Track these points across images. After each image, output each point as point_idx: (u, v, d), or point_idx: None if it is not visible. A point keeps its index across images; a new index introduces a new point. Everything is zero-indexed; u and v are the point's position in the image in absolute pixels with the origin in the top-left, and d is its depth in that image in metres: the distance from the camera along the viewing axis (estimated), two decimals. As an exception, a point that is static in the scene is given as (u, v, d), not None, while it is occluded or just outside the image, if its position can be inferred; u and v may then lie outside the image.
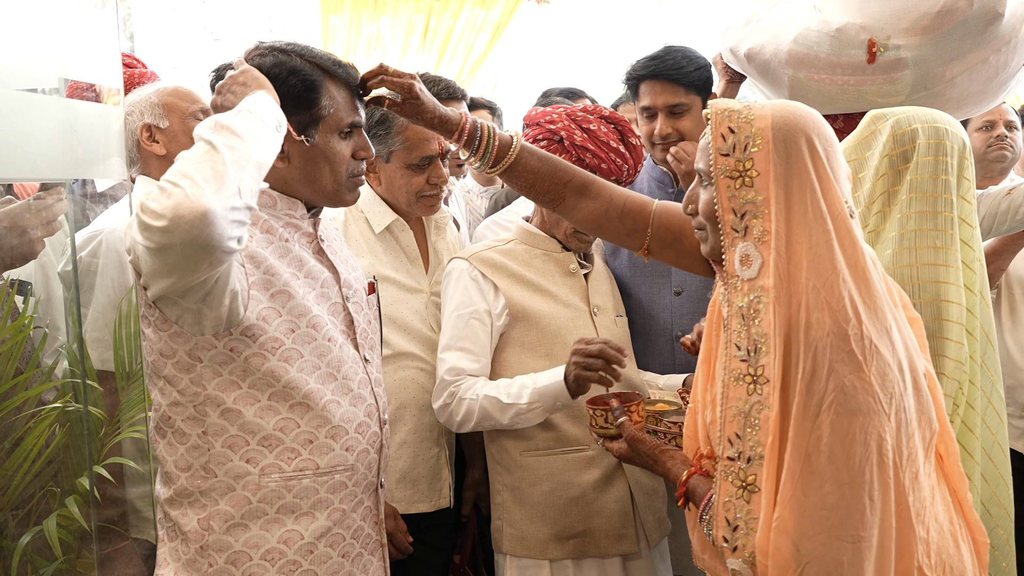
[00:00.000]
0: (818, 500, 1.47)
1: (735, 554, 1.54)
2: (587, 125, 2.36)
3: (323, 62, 1.82)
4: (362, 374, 1.88)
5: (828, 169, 1.57)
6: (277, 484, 1.74)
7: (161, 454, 1.77)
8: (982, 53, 2.43)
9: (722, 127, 1.60)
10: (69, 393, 1.97)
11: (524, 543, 2.33)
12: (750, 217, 1.57)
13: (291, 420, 1.75)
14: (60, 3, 1.71)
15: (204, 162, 1.47)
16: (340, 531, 1.83)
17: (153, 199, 1.42)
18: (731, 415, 1.58)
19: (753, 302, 1.56)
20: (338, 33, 6.54)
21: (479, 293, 2.33)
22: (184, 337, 1.68)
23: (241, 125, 1.55)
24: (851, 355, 1.47)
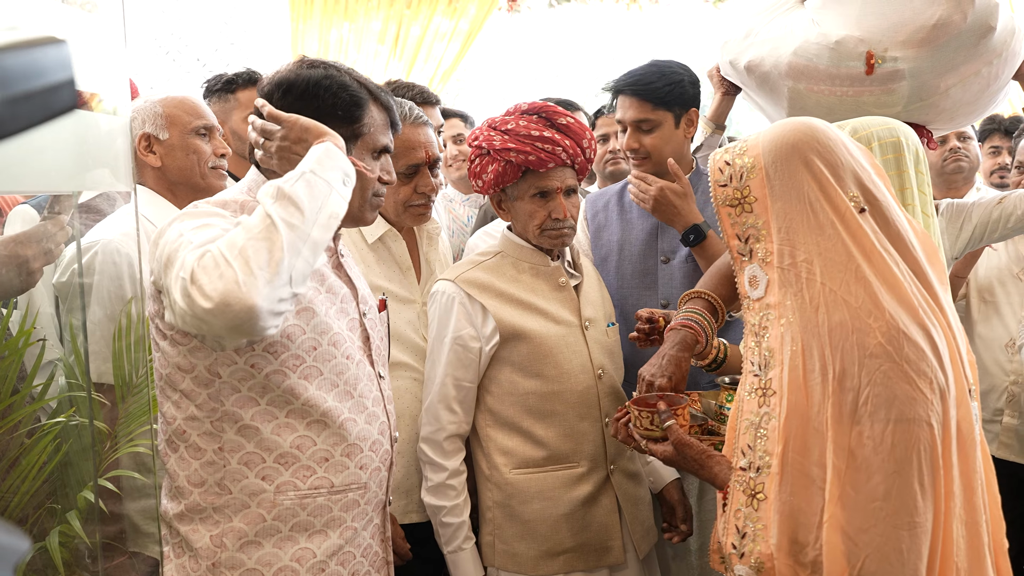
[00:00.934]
0: (868, 493, 1.50)
1: (742, 560, 1.58)
2: (505, 126, 2.33)
3: (367, 82, 1.84)
4: (376, 391, 1.89)
5: (826, 173, 1.62)
6: (292, 502, 1.73)
7: (172, 468, 1.75)
8: (975, 65, 2.50)
9: (719, 162, 1.70)
10: (72, 408, 1.93)
11: (515, 559, 2.33)
12: (753, 240, 1.65)
13: (308, 438, 1.74)
14: (67, 13, 1.69)
15: (261, 243, 1.46)
16: (351, 549, 1.83)
17: (206, 271, 1.42)
18: (744, 427, 1.63)
19: (762, 320, 1.63)
20: (307, 40, 6.50)
21: (467, 318, 2.31)
22: (204, 352, 1.67)
23: (303, 195, 1.53)
24: (881, 348, 1.51)
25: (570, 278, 2.44)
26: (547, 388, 2.31)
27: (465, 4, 6.44)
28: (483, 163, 2.34)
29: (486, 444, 2.37)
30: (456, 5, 6.45)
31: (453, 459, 2.35)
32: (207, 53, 6.34)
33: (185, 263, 1.46)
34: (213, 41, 6.46)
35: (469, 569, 2.33)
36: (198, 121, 2.54)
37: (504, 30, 7.12)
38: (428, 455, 2.35)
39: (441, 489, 2.33)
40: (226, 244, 1.46)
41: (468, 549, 2.33)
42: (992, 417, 3.38)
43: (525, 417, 2.32)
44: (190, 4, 6.49)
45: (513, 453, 2.33)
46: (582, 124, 2.38)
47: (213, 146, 2.56)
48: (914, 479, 1.49)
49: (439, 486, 2.33)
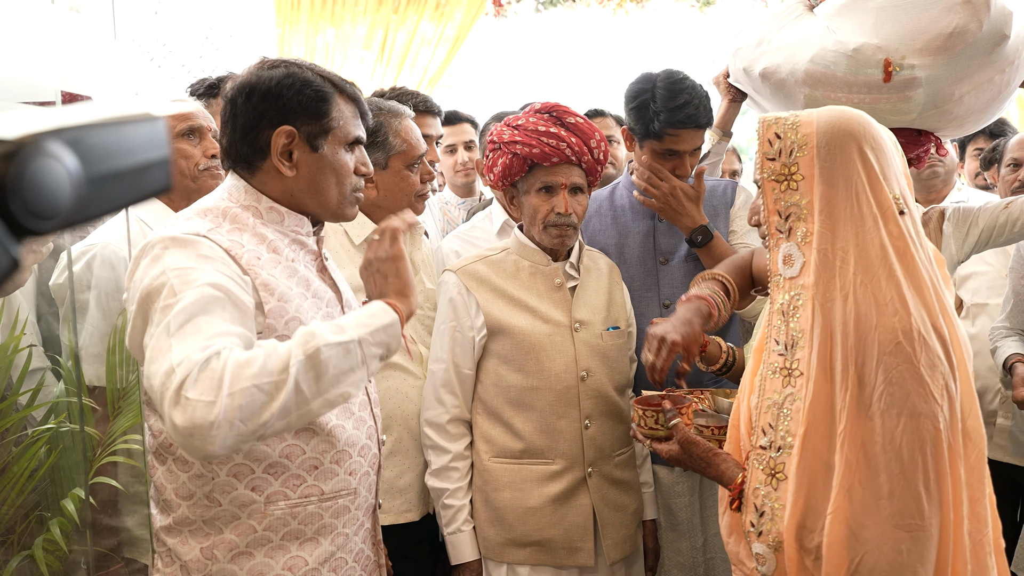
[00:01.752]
0: (874, 490, 1.50)
1: (760, 539, 1.59)
2: (516, 122, 2.41)
3: (331, 76, 1.82)
4: (363, 395, 1.87)
5: (877, 168, 1.62)
6: (283, 511, 1.71)
7: (160, 481, 1.72)
8: (988, 73, 2.51)
9: (768, 133, 1.66)
10: (64, 414, 1.91)
11: (485, 543, 2.39)
12: (794, 219, 1.63)
13: (297, 446, 1.72)
14: (59, 18, 1.67)
15: (262, 394, 1.43)
16: (343, 555, 1.81)
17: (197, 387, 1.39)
18: (766, 406, 1.63)
19: (793, 299, 1.62)
20: (293, 45, 6.48)
21: (464, 308, 2.38)
22: None
23: (334, 366, 1.50)
24: (899, 347, 1.51)
25: (569, 280, 2.45)
26: (527, 383, 2.35)
27: (452, 9, 6.44)
28: (494, 157, 2.42)
29: (474, 431, 2.43)
30: (443, 10, 6.45)
31: (457, 443, 2.40)
32: (192, 59, 6.31)
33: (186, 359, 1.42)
34: (198, 47, 6.43)
35: (466, 551, 2.39)
36: (183, 124, 2.50)
37: (491, 35, 7.12)
38: (432, 438, 2.41)
39: (444, 472, 2.39)
40: (234, 370, 1.42)
41: (466, 532, 2.39)
42: (986, 419, 3.38)
43: (507, 408, 2.37)
44: (176, 10, 6.46)
45: (494, 442, 2.39)
46: (592, 125, 2.41)
47: (203, 147, 2.53)
48: (919, 481, 1.50)
49: (442, 469, 2.39)
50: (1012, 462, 3.32)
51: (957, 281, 3.53)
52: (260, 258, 1.68)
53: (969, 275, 3.49)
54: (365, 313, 1.60)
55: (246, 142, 1.74)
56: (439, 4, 6.43)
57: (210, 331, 1.47)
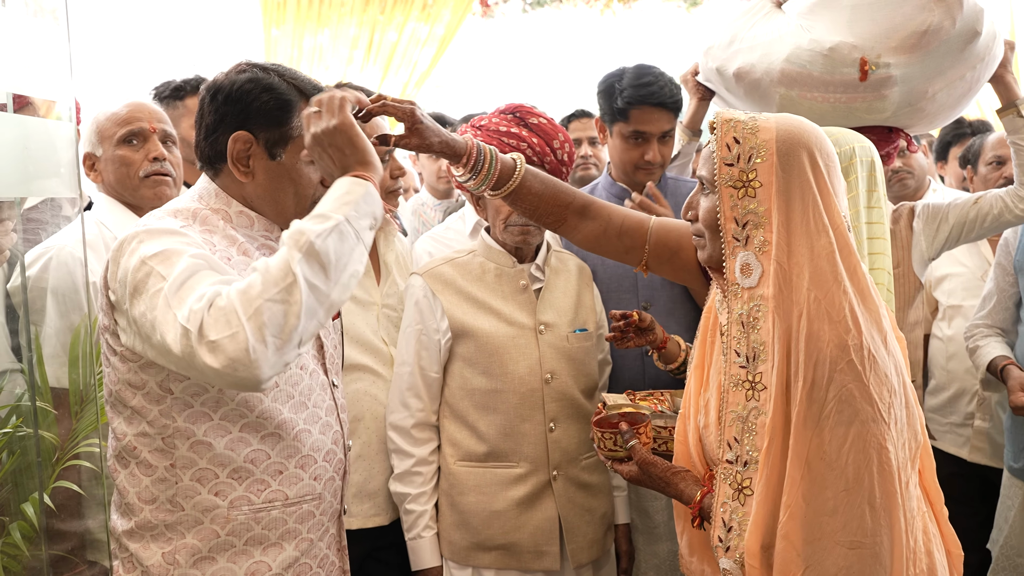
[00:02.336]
0: (818, 506, 1.50)
1: (727, 554, 1.58)
2: (479, 123, 2.42)
3: (301, 84, 1.77)
4: (329, 400, 1.86)
5: (828, 183, 1.60)
6: (246, 516, 1.70)
7: (122, 485, 1.71)
8: (961, 70, 2.51)
9: (727, 137, 1.63)
10: (19, 419, 1.90)
11: (451, 547, 2.38)
12: (751, 227, 1.60)
13: (262, 451, 1.71)
14: (9, 17, 1.66)
15: (279, 305, 1.41)
16: (307, 560, 1.80)
17: (215, 326, 1.39)
18: (730, 419, 1.61)
19: (752, 310, 1.59)
20: (280, 46, 6.48)
21: (429, 311, 2.38)
22: (156, 368, 1.62)
23: (333, 252, 1.48)
24: (850, 365, 1.50)
25: (535, 282, 2.44)
26: (491, 386, 2.34)
27: (439, 10, 6.45)
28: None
29: (441, 434, 2.42)
30: (430, 11, 6.45)
31: (421, 447, 2.39)
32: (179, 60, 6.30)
33: (188, 309, 1.42)
34: (185, 48, 6.42)
35: (426, 557, 2.37)
36: (122, 129, 2.44)
37: (478, 36, 7.12)
38: (396, 442, 2.40)
39: (407, 476, 2.38)
40: (240, 298, 1.42)
41: (427, 538, 2.37)
42: (963, 421, 3.39)
43: (472, 411, 2.36)
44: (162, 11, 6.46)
45: (459, 445, 2.38)
46: (555, 126, 2.41)
47: (145, 151, 2.46)
48: (863, 499, 1.49)
49: (405, 473, 2.38)
50: (990, 464, 3.32)
51: (932, 283, 3.53)
52: (230, 259, 1.67)
53: (944, 276, 3.48)
54: (339, 193, 1.55)
55: (209, 143, 1.73)
56: (426, 4, 6.44)
57: (203, 286, 1.47)
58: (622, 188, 2.81)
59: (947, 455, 3.45)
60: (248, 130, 1.70)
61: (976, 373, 3.32)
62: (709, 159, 1.67)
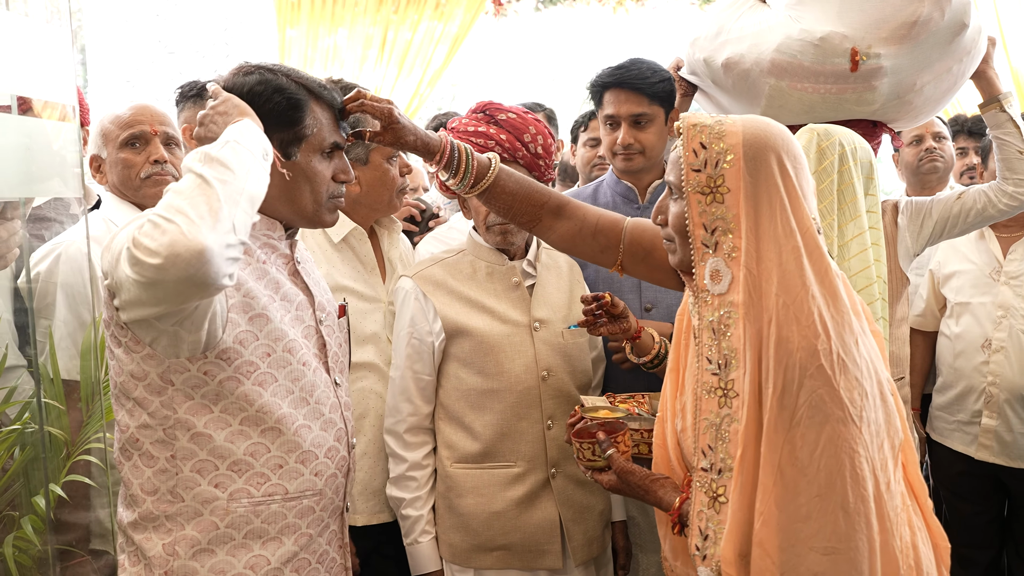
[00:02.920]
0: (791, 512, 1.49)
1: (704, 563, 1.57)
2: (452, 125, 2.42)
3: (308, 83, 1.81)
4: (333, 398, 1.88)
5: (797, 186, 1.59)
6: (245, 509, 1.73)
7: (126, 476, 1.74)
8: (948, 63, 2.51)
9: (693, 142, 1.62)
10: (27, 415, 1.93)
11: (452, 549, 2.37)
12: (720, 233, 1.59)
13: (262, 445, 1.73)
14: (13, 20, 1.69)
15: (198, 196, 1.45)
16: (306, 556, 1.82)
17: (146, 235, 1.41)
18: (704, 427, 1.60)
19: (723, 317, 1.58)
20: (295, 45, 6.51)
21: (421, 313, 2.36)
22: (157, 359, 1.65)
23: (231, 157, 1.53)
24: (820, 369, 1.50)
25: (527, 278, 2.44)
26: (487, 385, 2.33)
27: (452, 8, 6.46)
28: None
29: (437, 437, 2.42)
30: (443, 9, 6.46)
31: (415, 451, 2.38)
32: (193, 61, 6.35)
33: (127, 237, 1.45)
34: (200, 49, 6.47)
35: (424, 561, 2.37)
36: (125, 132, 2.51)
37: (491, 34, 7.12)
38: (390, 447, 2.40)
39: (401, 481, 2.38)
40: (162, 207, 1.45)
41: (424, 543, 2.37)
42: (971, 419, 3.37)
43: (468, 412, 2.35)
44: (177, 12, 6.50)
45: (455, 447, 2.37)
46: (526, 120, 2.40)
47: (147, 153, 2.53)
48: (836, 504, 1.48)
49: (399, 477, 2.39)
50: (998, 462, 3.31)
51: (940, 280, 3.51)
52: None
53: (953, 274, 3.47)
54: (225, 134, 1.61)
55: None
56: (439, 4, 6.45)
57: None
58: (626, 186, 2.81)
59: (955, 453, 3.43)
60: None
61: (983, 371, 3.30)
62: (676, 164, 1.66)
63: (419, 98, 6.56)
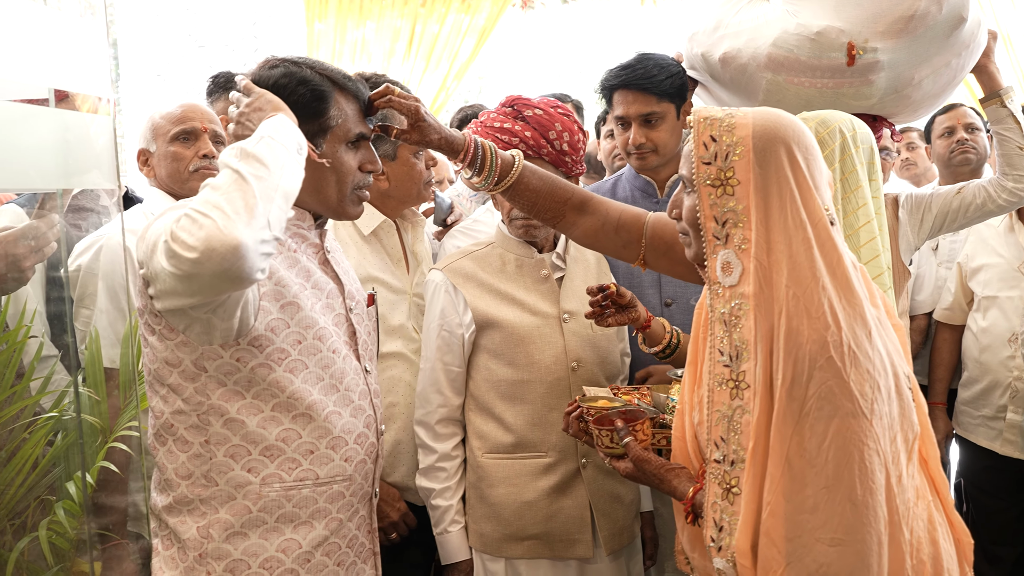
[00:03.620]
0: (798, 503, 1.49)
1: (720, 554, 1.57)
2: (481, 119, 2.43)
3: (333, 74, 1.84)
4: (362, 385, 1.91)
5: (808, 177, 1.59)
6: (277, 494, 1.76)
7: (161, 461, 1.78)
8: (946, 57, 2.49)
9: (704, 135, 1.62)
10: (66, 402, 1.98)
11: (483, 539, 2.40)
12: (731, 225, 1.59)
13: (293, 431, 1.77)
14: (50, 14, 1.73)
15: (234, 192, 1.48)
16: (336, 540, 1.85)
17: (184, 229, 1.44)
18: (716, 419, 1.61)
19: (734, 309, 1.59)
20: (323, 39, 6.55)
21: (452, 306, 2.40)
22: (191, 347, 1.69)
23: (266, 153, 1.56)
24: (830, 361, 1.49)
25: (556, 271, 2.45)
26: (518, 376, 2.36)
27: (479, 1, 6.47)
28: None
29: (468, 428, 2.44)
30: (470, 2, 6.47)
31: (445, 442, 2.42)
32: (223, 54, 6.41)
33: (164, 229, 1.48)
34: (229, 42, 6.53)
35: (455, 551, 2.41)
36: (176, 127, 2.58)
37: (519, 27, 7.12)
38: (420, 438, 2.43)
39: (431, 471, 2.42)
40: (199, 202, 1.48)
41: (454, 532, 2.40)
42: (995, 414, 3.34)
43: (498, 403, 2.38)
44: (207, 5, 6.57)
45: (486, 438, 2.39)
46: (552, 116, 2.40)
47: (196, 148, 2.60)
48: (844, 496, 1.48)
49: (429, 468, 2.42)
50: (1022, 458, 3.28)
51: (968, 273, 3.49)
52: None
53: (980, 267, 3.43)
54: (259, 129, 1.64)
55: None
56: (466, -4, 6.47)
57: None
58: (645, 180, 2.82)
59: (980, 448, 3.40)
60: None
61: (1008, 365, 3.27)
62: (688, 158, 1.67)
63: (446, 91, 6.58)
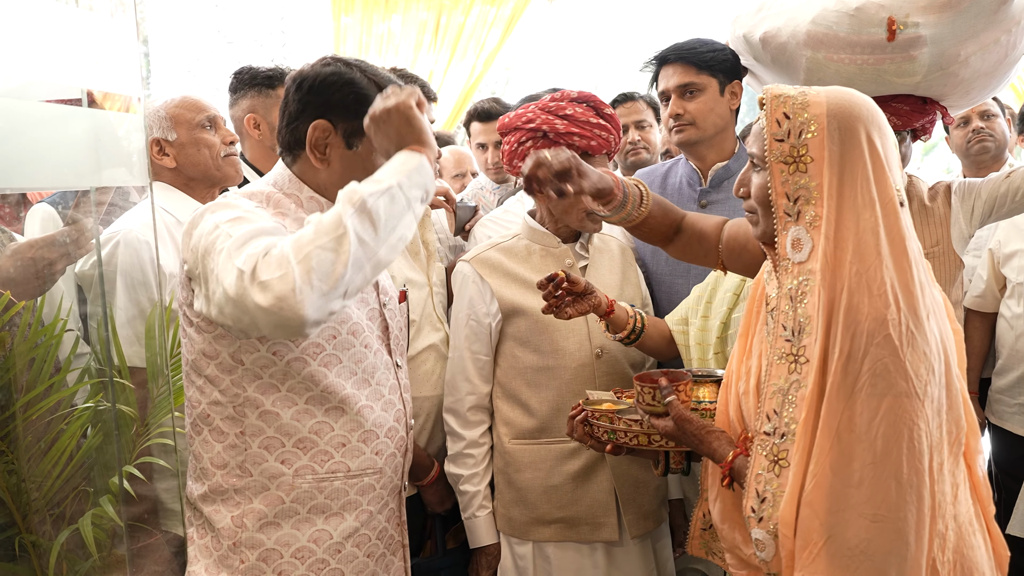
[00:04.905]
0: (844, 477, 1.50)
1: (760, 524, 1.58)
2: (563, 112, 2.40)
3: (381, 80, 1.86)
4: (393, 380, 1.95)
5: (882, 155, 1.60)
6: (310, 485, 1.80)
7: (196, 450, 1.82)
8: (994, 33, 2.43)
9: (777, 112, 1.63)
10: (100, 393, 2.02)
11: (510, 523, 2.45)
12: (803, 202, 1.60)
13: (326, 423, 1.80)
14: (82, 16, 1.76)
15: (328, 253, 1.48)
16: (367, 532, 1.89)
17: (267, 267, 1.46)
18: (771, 391, 1.62)
19: (801, 284, 1.60)
20: (350, 33, 6.59)
21: (479, 296, 2.45)
22: (228, 339, 1.73)
23: (383, 212, 1.55)
24: (887, 339, 1.50)
25: (580, 260, 2.49)
26: (543, 363, 2.40)
27: (504, -7, 6.48)
28: (536, 146, 2.39)
29: (495, 414, 2.49)
30: (495, -5, 6.49)
31: (473, 429, 2.47)
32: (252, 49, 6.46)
33: (246, 255, 1.50)
34: (258, 38, 6.59)
35: (482, 535, 2.47)
36: (201, 115, 2.61)
37: (544, 17, 7.12)
38: (449, 425, 2.49)
39: (459, 458, 2.47)
40: (293, 245, 1.49)
41: (482, 517, 2.46)
42: None
43: (524, 389, 2.42)
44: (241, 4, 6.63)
45: (512, 423, 2.44)
46: (615, 115, 2.47)
47: (220, 136, 2.64)
48: (890, 474, 1.48)
49: (457, 455, 2.47)
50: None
51: (1001, 259, 3.44)
52: None
53: (1014, 252, 3.38)
54: (395, 163, 1.63)
55: (290, 130, 1.83)
56: (492, -12, 6.48)
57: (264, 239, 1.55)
58: (691, 168, 2.82)
59: (1015, 436, 3.37)
60: (328, 119, 1.79)
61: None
62: (759, 135, 1.67)
63: (473, 82, 6.60)
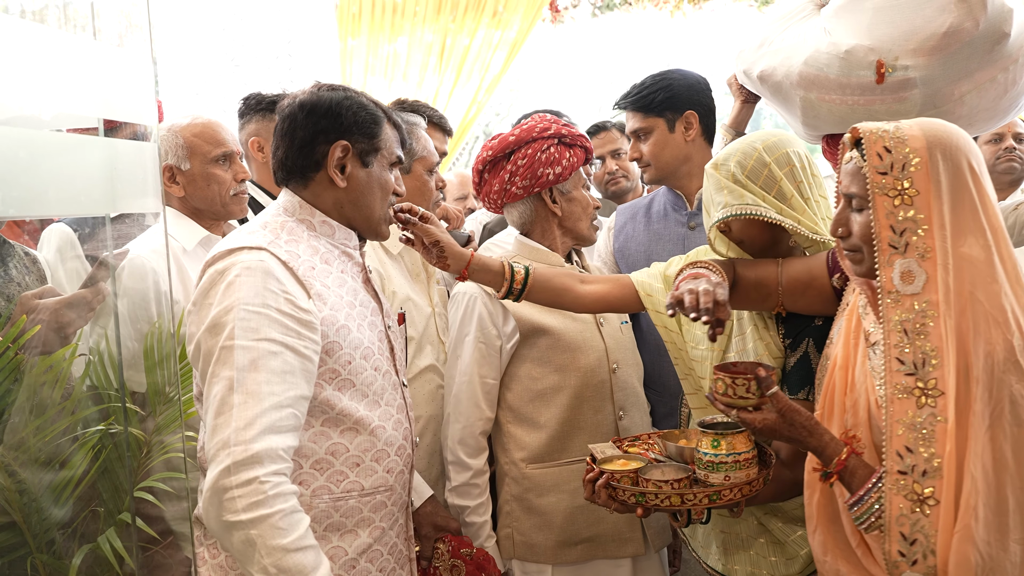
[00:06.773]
0: (995, 506, 1.52)
1: (914, 568, 1.57)
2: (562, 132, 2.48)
3: (380, 104, 2.00)
4: (400, 399, 1.99)
5: (984, 183, 1.63)
6: (326, 504, 1.84)
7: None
8: (990, 72, 2.48)
9: (877, 147, 1.65)
10: (111, 417, 2.05)
11: (533, 550, 2.42)
12: (910, 234, 1.62)
13: (341, 444, 1.85)
14: (99, 48, 1.81)
15: (266, 551, 1.62)
16: (379, 547, 1.93)
17: (238, 496, 1.62)
18: (899, 429, 1.61)
19: (919, 315, 1.60)
20: (356, 55, 6.65)
21: (490, 317, 2.41)
22: None
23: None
24: (1017, 365, 1.53)
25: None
26: (564, 381, 2.39)
27: (509, 16, 6.53)
28: (559, 150, 2.44)
29: (506, 440, 2.45)
30: (500, 17, 6.54)
31: (479, 458, 2.44)
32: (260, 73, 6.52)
33: (245, 446, 1.63)
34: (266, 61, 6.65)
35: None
36: (218, 150, 2.61)
37: (549, 40, 7.17)
38: (456, 455, 2.43)
39: (465, 489, 2.42)
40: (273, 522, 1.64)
41: (490, 546, 2.42)
42: None
43: (541, 411, 2.40)
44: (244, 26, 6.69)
45: (528, 447, 2.42)
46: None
47: (233, 172, 2.65)
48: None
49: (463, 486, 2.42)
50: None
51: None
52: (314, 268, 1.84)
53: None
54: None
55: (302, 155, 1.90)
56: (497, 11, 6.53)
57: (268, 399, 1.65)
58: (675, 195, 2.88)
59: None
60: (346, 140, 1.89)
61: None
62: (857, 174, 1.69)
63: (477, 104, 6.65)
